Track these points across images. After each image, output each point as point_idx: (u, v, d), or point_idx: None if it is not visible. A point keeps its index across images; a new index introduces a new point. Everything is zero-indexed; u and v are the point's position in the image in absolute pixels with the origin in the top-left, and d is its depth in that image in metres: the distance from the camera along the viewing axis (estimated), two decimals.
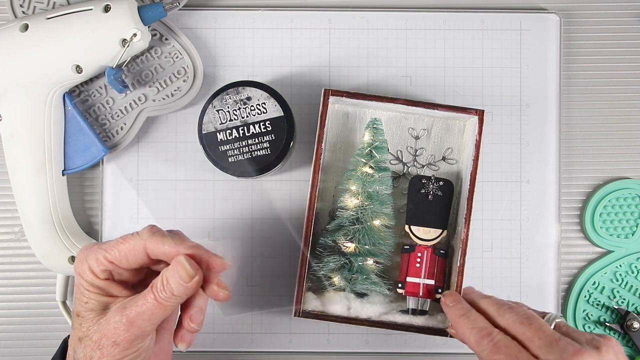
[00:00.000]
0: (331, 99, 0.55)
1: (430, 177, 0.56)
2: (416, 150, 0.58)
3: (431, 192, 0.56)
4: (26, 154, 0.55)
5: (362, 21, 0.60)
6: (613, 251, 0.60)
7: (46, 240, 0.56)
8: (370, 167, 0.55)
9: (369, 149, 0.55)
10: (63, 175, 0.57)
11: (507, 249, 0.59)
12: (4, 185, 0.59)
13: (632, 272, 0.60)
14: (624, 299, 0.60)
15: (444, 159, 0.58)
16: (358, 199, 0.55)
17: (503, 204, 0.59)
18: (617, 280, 0.60)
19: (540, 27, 0.60)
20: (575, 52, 0.61)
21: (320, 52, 0.60)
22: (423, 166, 0.58)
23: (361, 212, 0.55)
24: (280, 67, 0.60)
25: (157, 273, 0.49)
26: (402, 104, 0.55)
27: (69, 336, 0.51)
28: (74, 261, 0.57)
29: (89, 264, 0.46)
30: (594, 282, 0.60)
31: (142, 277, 0.50)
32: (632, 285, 0.60)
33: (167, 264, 0.47)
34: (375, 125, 0.56)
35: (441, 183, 0.56)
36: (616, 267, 0.60)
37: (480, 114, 0.55)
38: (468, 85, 0.60)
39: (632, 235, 0.60)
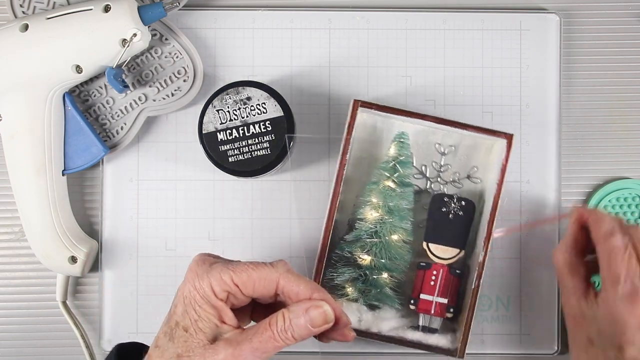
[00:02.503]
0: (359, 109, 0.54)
1: (452, 195, 0.56)
2: (441, 166, 0.57)
3: (452, 211, 0.55)
4: (26, 154, 0.55)
5: (362, 21, 0.60)
6: None
7: (46, 240, 0.56)
8: (393, 181, 0.55)
9: (393, 162, 0.55)
10: (63, 175, 0.57)
11: (507, 249, 0.59)
12: (4, 185, 0.59)
13: None
14: None
15: (468, 177, 0.57)
16: (378, 212, 0.55)
17: (503, 204, 0.59)
18: None
19: (540, 27, 0.60)
20: (575, 52, 0.61)
21: (320, 52, 0.60)
22: (447, 183, 0.57)
23: (380, 226, 0.55)
24: (280, 67, 0.60)
25: (260, 305, 0.49)
26: (431, 121, 0.54)
27: (120, 344, 0.50)
28: (74, 261, 0.57)
29: (210, 281, 0.45)
30: (594, 282, 0.60)
31: (249, 308, 0.49)
32: None
33: (277, 302, 0.47)
34: (401, 140, 0.55)
35: (463, 203, 0.56)
36: None
37: (508, 138, 0.54)
38: (468, 85, 0.60)
39: None
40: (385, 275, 0.55)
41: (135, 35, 0.53)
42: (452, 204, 0.56)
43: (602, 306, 0.47)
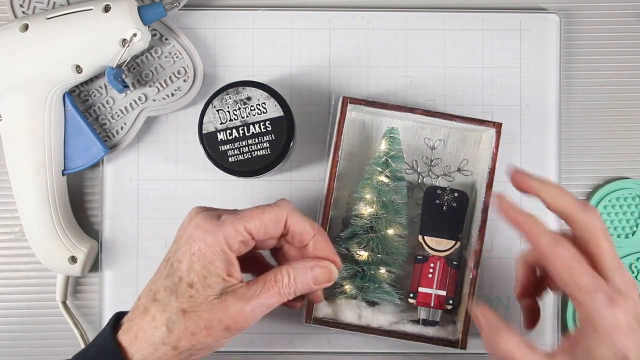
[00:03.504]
0: (349, 106, 0.55)
1: (445, 188, 0.56)
2: (432, 161, 0.58)
3: (446, 203, 0.56)
4: (26, 154, 0.55)
5: (362, 21, 0.60)
6: None
7: (46, 240, 0.56)
8: (386, 176, 0.55)
9: (385, 157, 0.55)
10: (63, 175, 0.57)
11: (507, 249, 0.59)
12: (4, 185, 0.59)
13: (632, 272, 0.60)
14: None
15: (459, 170, 0.58)
16: (373, 207, 0.55)
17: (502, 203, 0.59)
18: None
19: (540, 27, 0.60)
20: (575, 52, 0.61)
21: (320, 52, 0.60)
22: (438, 176, 0.58)
23: (375, 221, 0.55)
24: (280, 67, 0.60)
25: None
26: (420, 114, 0.55)
27: (118, 312, 0.49)
28: (74, 261, 0.57)
29: (225, 234, 0.45)
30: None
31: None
32: None
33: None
34: (392, 135, 0.56)
35: (456, 194, 0.56)
36: None
37: (497, 126, 0.55)
38: (468, 85, 0.60)
39: (632, 235, 0.60)
40: (382, 270, 0.55)
41: (135, 35, 0.53)
42: (446, 196, 0.56)
43: None
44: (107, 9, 0.53)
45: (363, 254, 0.55)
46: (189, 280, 0.45)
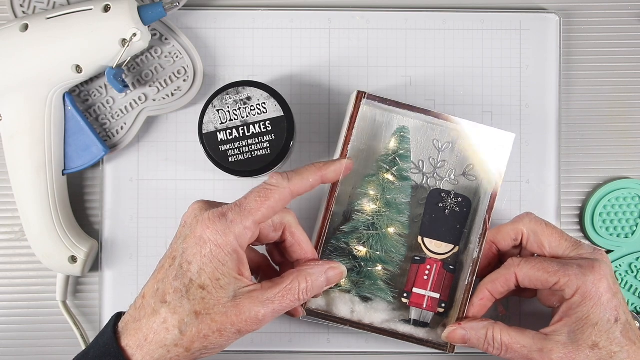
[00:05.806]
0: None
1: (449, 191, 0.56)
2: (438, 163, 0.57)
3: (449, 207, 0.56)
4: (26, 154, 0.55)
5: (362, 21, 0.60)
6: (613, 251, 0.60)
7: (46, 240, 0.56)
8: (392, 174, 0.55)
9: (393, 156, 0.55)
10: (63, 175, 0.57)
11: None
12: (4, 185, 0.60)
13: (632, 272, 0.60)
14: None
15: (464, 174, 0.57)
16: (376, 204, 0.55)
17: (503, 204, 0.59)
18: (617, 280, 0.60)
19: (540, 27, 0.60)
20: (575, 52, 0.61)
21: (320, 52, 0.60)
22: (443, 179, 0.57)
23: (377, 218, 0.55)
24: (280, 67, 0.60)
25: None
26: (434, 116, 0.54)
27: (118, 312, 0.48)
28: (74, 261, 0.57)
29: (236, 234, 0.45)
30: None
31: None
32: (632, 285, 0.60)
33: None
34: (402, 133, 0.55)
35: (460, 199, 0.56)
36: (616, 267, 0.60)
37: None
38: (468, 85, 0.60)
39: (632, 235, 0.60)
40: (379, 267, 0.55)
41: (135, 35, 0.53)
42: (449, 200, 0.56)
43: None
44: (107, 9, 0.53)
45: (361, 250, 0.55)
46: (201, 283, 0.44)
